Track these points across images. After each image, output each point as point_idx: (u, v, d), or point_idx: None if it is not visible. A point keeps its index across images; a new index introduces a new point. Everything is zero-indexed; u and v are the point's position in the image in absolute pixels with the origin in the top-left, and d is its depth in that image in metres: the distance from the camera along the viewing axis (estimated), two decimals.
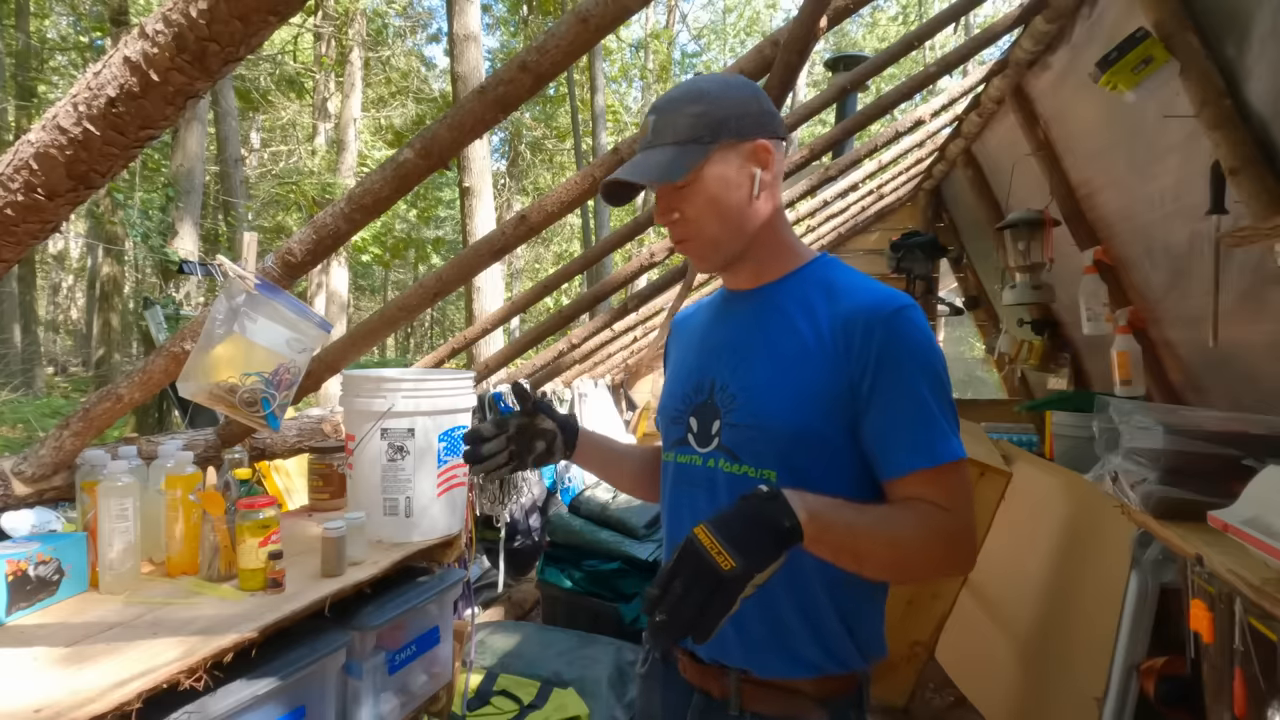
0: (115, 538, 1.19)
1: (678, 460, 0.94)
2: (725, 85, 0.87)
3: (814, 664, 0.85)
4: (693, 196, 0.86)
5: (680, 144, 0.84)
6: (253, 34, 0.63)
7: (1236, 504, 1.36)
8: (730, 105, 0.84)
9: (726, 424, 0.87)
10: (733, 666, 0.88)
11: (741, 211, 0.87)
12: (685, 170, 0.83)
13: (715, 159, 0.84)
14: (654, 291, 3.28)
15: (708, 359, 0.93)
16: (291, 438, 1.93)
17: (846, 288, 0.86)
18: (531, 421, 1.02)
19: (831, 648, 0.86)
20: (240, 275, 1.17)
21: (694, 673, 0.92)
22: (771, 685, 0.87)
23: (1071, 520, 2.24)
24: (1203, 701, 1.40)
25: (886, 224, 4.80)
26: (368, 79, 13.05)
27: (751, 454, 0.85)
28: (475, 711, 2.06)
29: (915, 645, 2.49)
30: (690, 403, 0.93)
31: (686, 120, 0.84)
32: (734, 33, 18.80)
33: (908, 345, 0.81)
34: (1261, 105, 1.54)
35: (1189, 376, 2.28)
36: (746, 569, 0.67)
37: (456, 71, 5.20)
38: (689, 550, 0.68)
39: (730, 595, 0.67)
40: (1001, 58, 2.67)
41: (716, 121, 0.83)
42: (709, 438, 0.89)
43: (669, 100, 0.87)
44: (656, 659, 1.00)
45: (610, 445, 1.13)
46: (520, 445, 1.01)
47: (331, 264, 10.53)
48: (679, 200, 0.87)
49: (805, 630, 0.85)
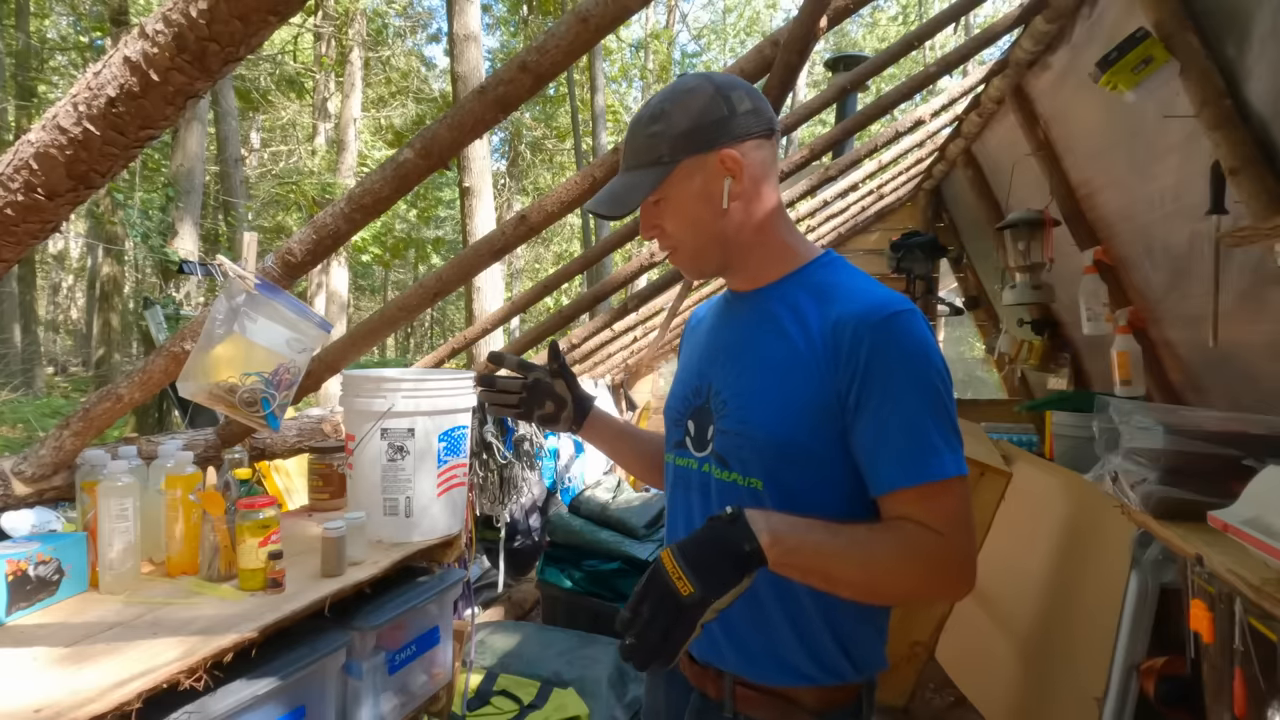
0: (115, 538, 1.19)
1: (676, 463, 0.94)
2: (685, 95, 0.84)
3: (807, 675, 0.83)
4: (668, 212, 0.87)
5: (642, 167, 0.84)
6: (253, 34, 0.63)
7: (1236, 504, 1.36)
8: (689, 118, 0.82)
9: (719, 430, 0.86)
10: (726, 670, 0.88)
11: (715, 223, 0.85)
12: (643, 196, 0.84)
13: (680, 175, 0.83)
14: (654, 291, 3.28)
15: (707, 362, 0.93)
16: (291, 438, 1.93)
17: (841, 291, 0.83)
18: (551, 382, 1.06)
19: (824, 661, 0.83)
20: (240, 275, 1.17)
21: (692, 672, 0.93)
22: (765, 691, 0.85)
23: (1071, 520, 2.24)
24: (1203, 701, 1.40)
25: (886, 224, 4.79)
26: (368, 79, 13.05)
27: (739, 462, 0.84)
28: (475, 711, 2.06)
29: (915, 645, 2.49)
30: (690, 405, 0.93)
31: (646, 142, 0.84)
32: (734, 33, 18.80)
33: (899, 353, 0.76)
34: (1261, 105, 1.54)
35: (1189, 376, 2.28)
36: (703, 596, 0.68)
37: (456, 71, 5.20)
38: (655, 575, 0.70)
39: (690, 621, 0.68)
40: (1001, 58, 2.66)
41: (674, 139, 0.82)
42: (704, 442, 0.89)
43: (635, 121, 0.87)
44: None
45: (621, 425, 1.15)
46: (532, 396, 1.05)
47: (331, 264, 10.53)
48: (657, 216, 0.88)
49: (796, 642, 0.83)
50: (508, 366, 1.07)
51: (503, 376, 1.07)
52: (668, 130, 0.83)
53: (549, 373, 1.06)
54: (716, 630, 0.87)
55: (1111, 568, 1.90)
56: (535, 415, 1.05)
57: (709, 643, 0.88)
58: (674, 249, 0.90)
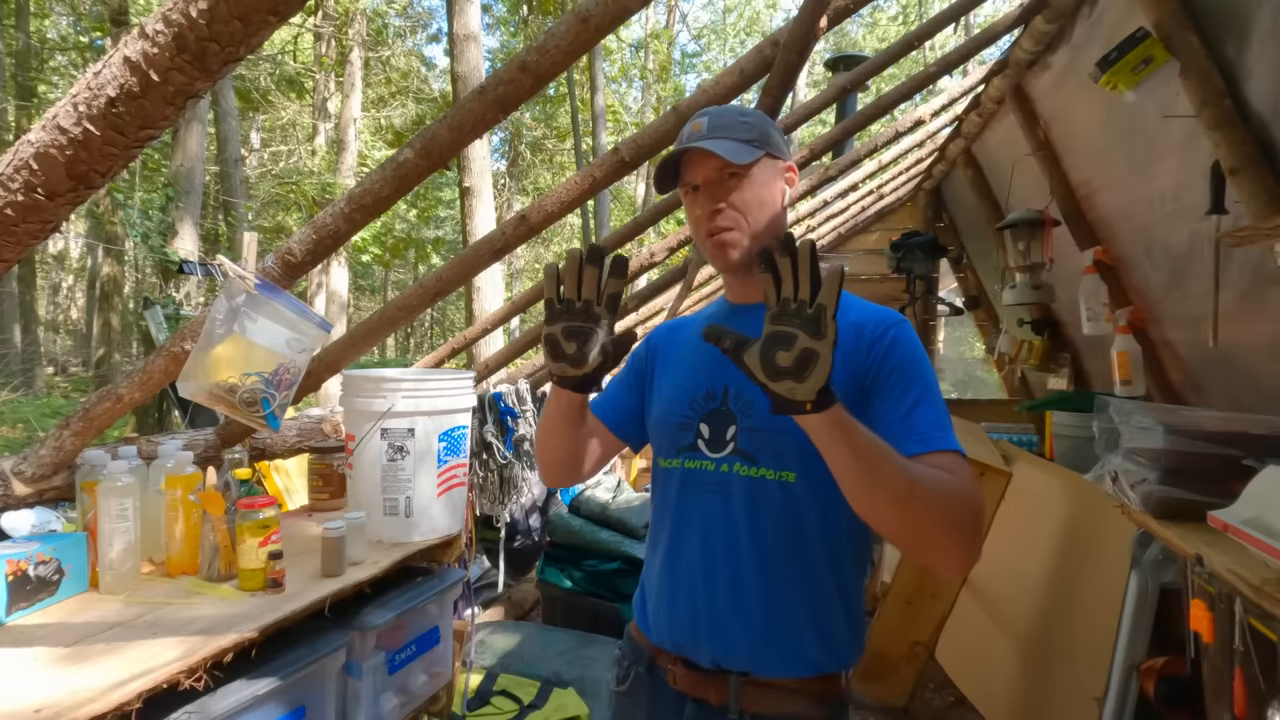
0: (115, 538, 1.19)
1: (686, 466, 0.94)
2: (761, 114, 0.97)
3: (814, 662, 0.89)
4: (741, 189, 0.92)
5: (738, 141, 0.91)
6: (253, 34, 0.63)
7: (1236, 504, 1.36)
8: (769, 128, 0.95)
9: (744, 428, 0.90)
10: (734, 670, 0.90)
11: (775, 215, 0.94)
12: (750, 160, 0.90)
13: (762, 164, 0.93)
14: (654, 291, 3.28)
15: (718, 367, 0.94)
16: (291, 438, 1.93)
17: (849, 304, 0.93)
18: (610, 342, 0.87)
19: (833, 644, 0.89)
20: (240, 275, 1.17)
21: (688, 681, 0.93)
22: (771, 685, 0.89)
23: (1071, 520, 2.24)
24: (1203, 701, 1.40)
25: (886, 224, 4.80)
26: (368, 79, 13.05)
27: (771, 456, 0.88)
28: (475, 711, 2.06)
29: (915, 645, 2.49)
30: (701, 409, 0.95)
31: (741, 127, 0.92)
32: (734, 33, 18.80)
33: (911, 351, 0.87)
34: (1261, 105, 1.54)
35: (1189, 376, 2.28)
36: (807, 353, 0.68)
37: (456, 71, 5.19)
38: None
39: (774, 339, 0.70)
40: (1001, 58, 2.66)
41: (762, 135, 0.93)
42: (724, 442, 0.91)
43: (721, 110, 0.95)
44: (640, 673, 0.99)
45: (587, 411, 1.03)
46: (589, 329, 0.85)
47: (331, 264, 10.53)
48: (725, 192, 0.92)
49: (811, 629, 0.88)
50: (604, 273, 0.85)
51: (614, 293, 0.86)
52: (757, 125, 0.93)
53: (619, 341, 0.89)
54: (732, 626, 0.89)
55: (1111, 568, 1.90)
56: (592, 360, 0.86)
57: (720, 643, 0.90)
58: (732, 225, 0.92)
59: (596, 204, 11.06)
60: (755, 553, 0.89)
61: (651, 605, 0.98)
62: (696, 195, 0.94)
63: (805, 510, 0.88)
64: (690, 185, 0.94)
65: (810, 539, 0.89)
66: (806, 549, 0.89)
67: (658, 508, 1.00)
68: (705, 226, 0.93)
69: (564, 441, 1.00)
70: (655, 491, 1.02)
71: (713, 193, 0.92)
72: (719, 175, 0.91)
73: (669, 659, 0.95)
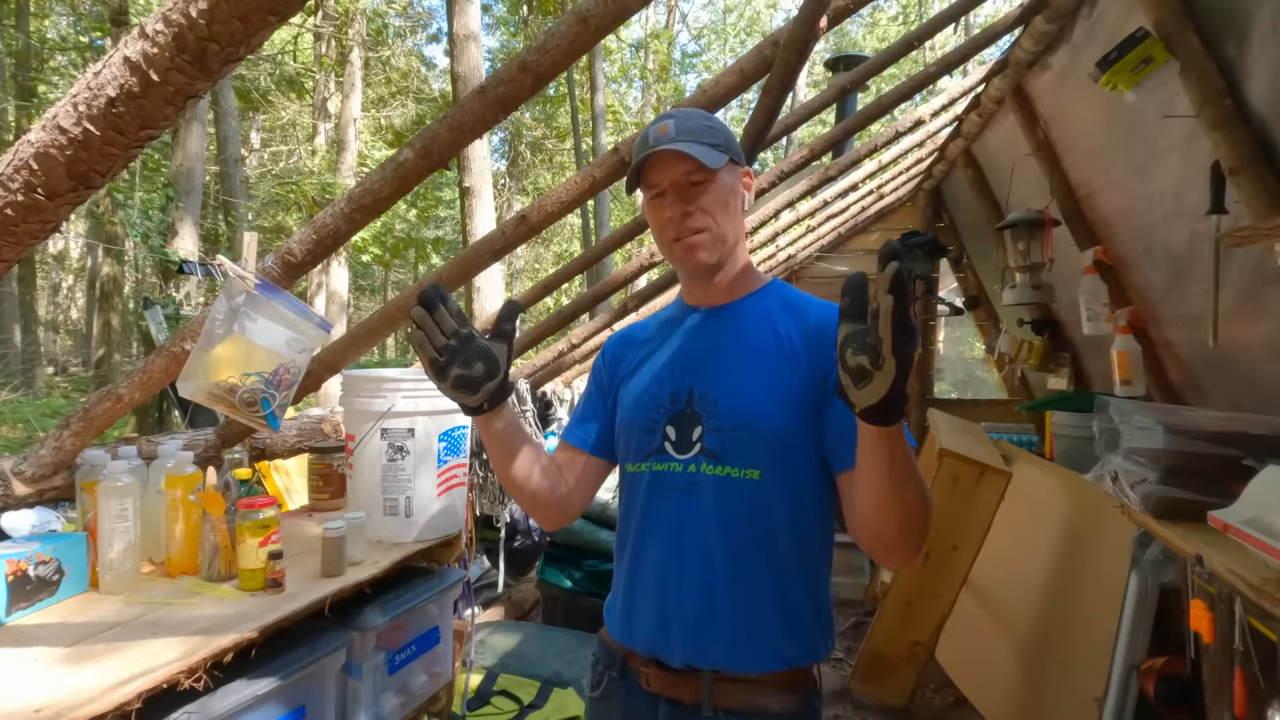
0: (115, 538, 1.19)
1: (654, 469, 0.95)
2: (719, 119, 0.99)
3: (786, 657, 0.90)
4: (709, 193, 0.93)
5: (704, 144, 0.92)
6: (253, 34, 0.63)
7: (1236, 504, 1.36)
8: (729, 135, 0.96)
9: (710, 429, 0.91)
10: (705, 668, 0.90)
11: (736, 220, 0.97)
12: (719, 164, 0.91)
13: (726, 169, 0.94)
14: (654, 291, 3.28)
15: (681, 369, 0.96)
16: (291, 438, 1.93)
17: (810, 303, 0.97)
18: (489, 345, 0.88)
19: (804, 638, 0.91)
20: (240, 275, 1.17)
21: (661, 682, 0.93)
22: (743, 680, 0.90)
23: (1071, 520, 2.24)
24: (1203, 701, 1.40)
25: (886, 224, 4.79)
26: (368, 79, 13.04)
27: (737, 455, 0.90)
28: (475, 711, 2.06)
29: (915, 645, 2.49)
30: (666, 412, 0.95)
31: (708, 132, 0.93)
32: (734, 33, 18.81)
33: None
34: (1261, 105, 1.54)
35: (1189, 376, 2.28)
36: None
37: (456, 71, 5.19)
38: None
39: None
40: (1001, 58, 2.66)
41: (726, 140, 0.95)
42: (690, 444, 0.92)
43: (686, 113, 0.95)
44: (614, 677, 0.99)
45: (521, 429, 1.00)
46: (461, 348, 0.85)
47: (331, 264, 10.53)
48: (692, 197, 0.93)
49: (782, 624, 0.90)
50: (448, 308, 0.86)
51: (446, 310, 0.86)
52: (721, 130, 0.95)
53: (495, 334, 0.88)
54: (704, 626, 0.90)
55: (1111, 568, 1.90)
56: (453, 373, 0.85)
57: (691, 643, 0.90)
58: (702, 228, 0.93)
59: (596, 204, 11.07)
60: (725, 551, 0.89)
61: (621, 609, 0.98)
62: (662, 199, 0.94)
63: (773, 507, 0.89)
64: (654, 187, 0.94)
65: (778, 535, 0.89)
66: (775, 546, 0.90)
67: (625, 513, 1.00)
68: (674, 229, 0.93)
69: (520, 473, 0.96)
70: (623, 497, 1.01)
71: (681, 195, 0.93)
72: (685, 179, 0.92)
73: (640, 661, 0.95)
